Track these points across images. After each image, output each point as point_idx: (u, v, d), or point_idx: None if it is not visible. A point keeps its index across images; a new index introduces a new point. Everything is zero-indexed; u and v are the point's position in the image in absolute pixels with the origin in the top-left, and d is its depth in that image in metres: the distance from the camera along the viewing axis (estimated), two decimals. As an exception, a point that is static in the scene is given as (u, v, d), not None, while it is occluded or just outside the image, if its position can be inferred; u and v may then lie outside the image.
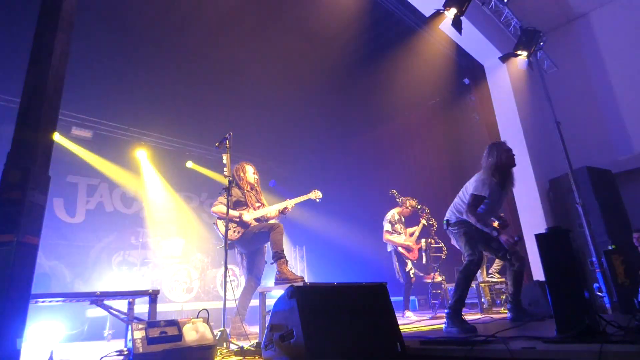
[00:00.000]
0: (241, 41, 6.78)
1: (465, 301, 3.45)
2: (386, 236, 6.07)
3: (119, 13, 5.96)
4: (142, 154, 9.01)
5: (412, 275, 5.96)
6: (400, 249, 6.03)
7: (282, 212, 4.44)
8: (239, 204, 4.24)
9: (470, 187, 3.75)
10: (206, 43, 6.73)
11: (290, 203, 4.42)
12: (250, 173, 4.49)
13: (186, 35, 6.61)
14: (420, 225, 6.36)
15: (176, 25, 6.46)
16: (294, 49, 6.93)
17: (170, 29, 6.50)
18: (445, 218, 3.89)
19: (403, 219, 6.35)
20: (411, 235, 6.27)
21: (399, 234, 6.13)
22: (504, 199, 3.95)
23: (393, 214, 6.28)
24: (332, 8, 6.17)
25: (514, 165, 3.78)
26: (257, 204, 4.35)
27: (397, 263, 6.03)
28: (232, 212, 4.09)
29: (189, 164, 9.85)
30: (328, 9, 6.18)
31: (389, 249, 6.19)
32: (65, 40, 2.33)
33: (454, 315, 3.28)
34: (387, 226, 6.11)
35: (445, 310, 3.43)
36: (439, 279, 6.15)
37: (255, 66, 7.33)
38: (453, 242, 3.89)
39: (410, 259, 6.03)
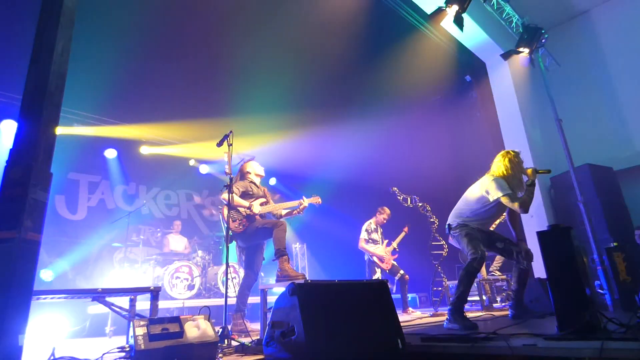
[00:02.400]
0: (242, 39, 6.77)
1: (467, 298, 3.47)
2: (361, 244, 6.29)
3: (120, 10, 5.95)
4: (143, 151, 9.03)
5: None
6: (374, 258, 6.22)
7: (292, 213, 4.46)
8: (246, 196, 4.25)
9: (481, 192, 3.73)
10: (208, 40, 6.72)
11: (303, 198, 4.40)
12: (258, 166, 4.58)
13: (188, 32, 6.60)
14: (402, 235, 6.49)
15: (178, 22, 6.45)
16: (295, 47, 6.91)
17: (172, 26, 6.49)
18: (447, 223, 3.90)
19: (380, 229, 6.52)
20: (388, 245, 6.41)
21: (376, 242, 6.32)
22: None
23: (369, 223, 6.46)
24: (333, 5, 6.15)
25: (522, 169, 3.81)
26: (263, 200, 4.37)
27: (367, 271, 6.29)
28: (242, 201, 4.10)
29: (192, 162, 9.83)
30: (329, 6, 6.17)
31: (365, 257, 6.36)
32: (67, 37, 2.33)
33: (456, 312, 3.32)
34: (363, 234, 6.32)
35: (447, 307, 3.45)
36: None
37: (256, 64, 7.32)
38: (455, 245, 3.90)
39: (382, 269, 6.20)
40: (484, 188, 3.71)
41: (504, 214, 4.11)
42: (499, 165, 3.81)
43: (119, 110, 8.28)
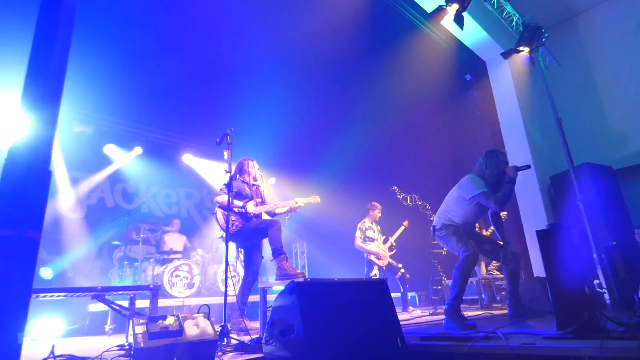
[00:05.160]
0: (242, 37, 6.76)
1: (466, 297, 3.47)
2: (357, 242, 6.36)
3: (119, 8, 5.94)
4: (143, 149, 9.03)
5: None
6: (371, 256, 6.27)
7: (289, 211, 4.45)
8: (239, 196, 4.24)
9: (459, 192, 3.77)
10: (208, 36, 6.71)
11: (295, 201, 4.39)
12: (256, 168, 4.53)
13: (186, 30, 6.60)
14: (401, 229, 6.47)
15: (176, 19, 6.44)
16: (295, 45, 6.90)
17: (171, 24, 6.49)
18: (432, 225, 3.91)
19: (377, 225, 6.55)
20: (385, 241, 6.43)
21: (373, 240, 6.36)
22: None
23: (363, 221, 6.51)
24: (333, 4, 6.14)
25: (505, 169, 3.79)
26: (258, 200, 4.37)
27: (366, 268, 6.34)
28: (236, 202, 4.11)
29: (186, 158, 9.78)
30: (329, 5, 6.16)
31: (365, 255, 6.40)
32: (66, 35, 2.33)
33: (453, 312, 3.31)
34: (357, 233, 6.40)
35: (444, 307, 3.44)
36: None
37: (255, 62, 7.31)
38: (443, 246, 3.90)
39: (378, 265, 6.22)
40: (462, 187, 3.76)
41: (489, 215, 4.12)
42: (480, 163, 3.85)
43: (119, 108, 8.28)
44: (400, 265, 6.25)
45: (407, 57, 7.28)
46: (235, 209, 4.13)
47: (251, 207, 4.18)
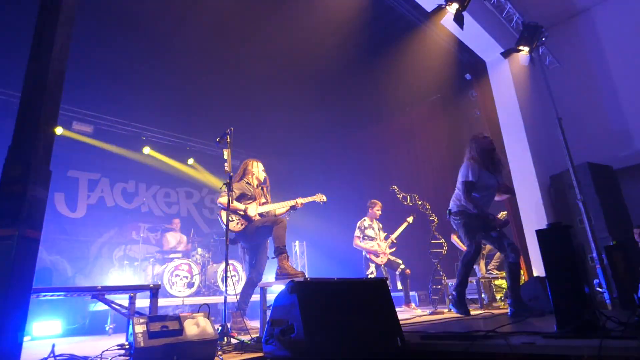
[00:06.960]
0: (242, 37, 6.76)
1: (466, 297, 3.80)
2: (355, 242, 6.39)
3: (120, 8, 5.94)
4: (142, 149, 9.03)
5: None
6: (369, 254, 6.28)
7: (288, 210, 4.46)
8: (244, 198, 4.24)
9: (459, 177, 4.13)
10: (207, 38, 6.72)
11: (296, 202, 4.40)
12: (260, 169, 4.53)
13: (187, 30, 6.60)
14: (404, 225, 6.47)
15: (177, 20, 6.44)
16: (295, 44, 6.90)
17: (172, 24, 6.49)
18: (448, 208, 4.23)
19: (378, 223, 6.56)
20: (386, 239, 6.43)
21: (372, 239, 6.36)
22: (498, 181, 4.22)
23: (363, 220, 6.53)
24: (333, 3, 6.14)
25: (494, 147, 4.18)
26: (262, 200, 4.36)
27: (364, 267, 6.37)
28: (238, 205, 4.10)
29: (190, 161, 9.84)
30: (329, 4, 6.16)
31: (363, 254, 6.42)
32: (66, 34, 2.32)
33: (458, 298, 3.95)
34: (356, 232, 6.43)
35: (450, 296, 4.04)
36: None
37: (256, 62, 7.31)
38: (454, 228, 4.26)
39: (376, 264, 6.23)
40: (459, 172, 4.13)
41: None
42: (468, 150, 4.27)
43: (118, 108, 8.28)
44: (400, 262, 6.24)
45: (407, 56, 7.28)
46: (240, 211, 4.12)
47: (252, 211, 4.16)
